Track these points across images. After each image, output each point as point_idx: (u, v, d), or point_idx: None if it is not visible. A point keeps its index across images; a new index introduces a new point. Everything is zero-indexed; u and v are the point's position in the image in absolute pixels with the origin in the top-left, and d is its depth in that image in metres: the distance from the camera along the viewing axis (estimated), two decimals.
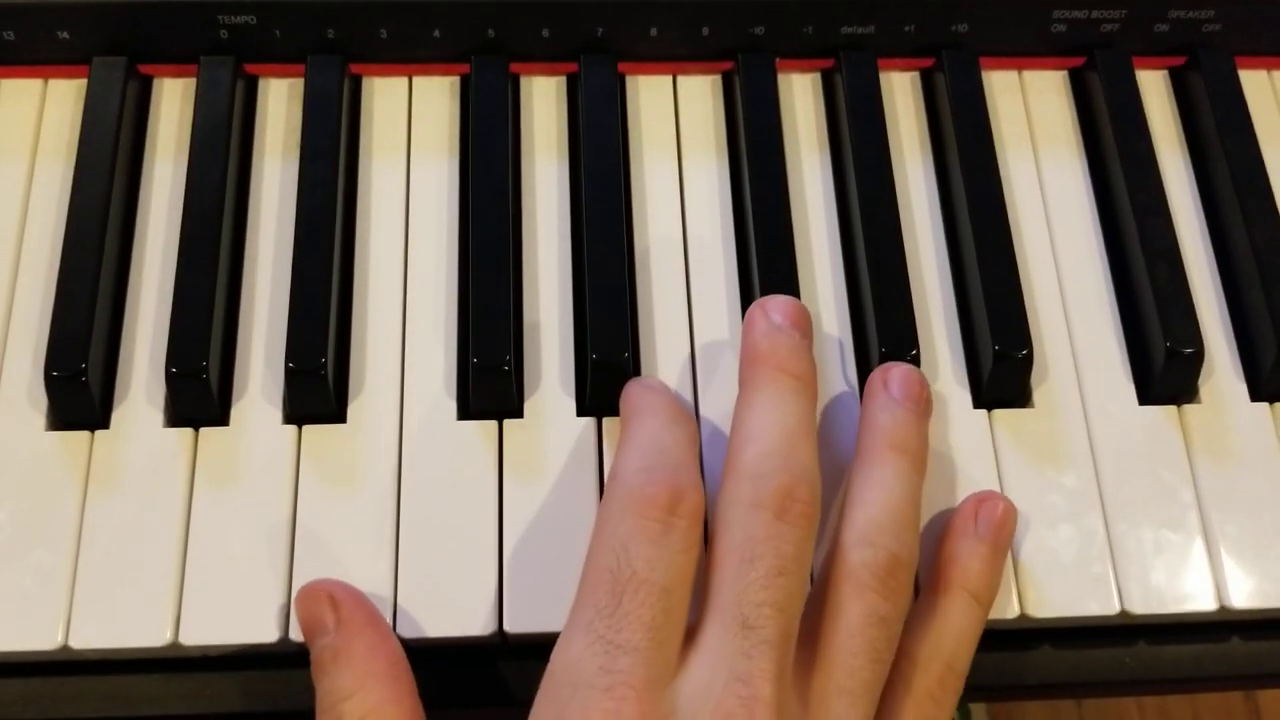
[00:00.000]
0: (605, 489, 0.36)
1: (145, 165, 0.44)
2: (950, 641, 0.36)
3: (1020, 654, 0.39)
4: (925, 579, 0.37)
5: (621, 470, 0.35)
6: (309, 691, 0.37)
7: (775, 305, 0.38)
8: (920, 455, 0.37)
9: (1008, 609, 0.38)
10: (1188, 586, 0.38)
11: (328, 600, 0.36)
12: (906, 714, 0.35)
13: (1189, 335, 0.40)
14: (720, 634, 0.33)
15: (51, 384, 0.38)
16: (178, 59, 0.44)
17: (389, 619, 0.37)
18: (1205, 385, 0.41)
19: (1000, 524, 0.37)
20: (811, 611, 0.35)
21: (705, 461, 0.39)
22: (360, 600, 0.36)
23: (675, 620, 0.33)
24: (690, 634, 0.33)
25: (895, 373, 0.38)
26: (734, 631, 0.32)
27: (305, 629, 0.36)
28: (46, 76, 0.45)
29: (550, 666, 0.33)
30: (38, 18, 0.43)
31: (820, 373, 0.41)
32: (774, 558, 0.33)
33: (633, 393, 0.38)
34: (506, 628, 0.37)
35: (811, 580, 0.36)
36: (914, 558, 0.35)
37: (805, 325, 0.38)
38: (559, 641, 0.33)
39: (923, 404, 0.38)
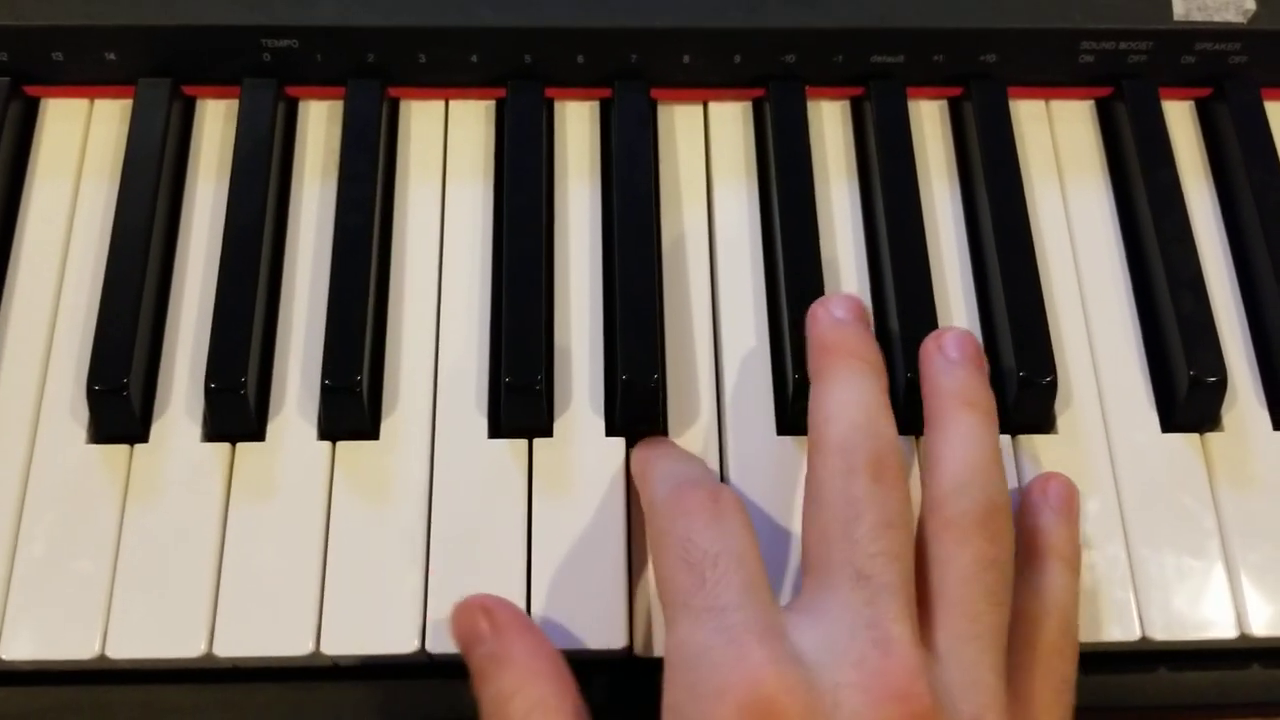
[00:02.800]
0: (649, 518, 0.36)
1: (188, 184, 0.45)
2: (1059, 598, 0.36)
3: None
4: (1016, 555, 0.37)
5: (655, 498, 0.36)
6: (342, 705, 0.38)
7: (836, 301, 0.39)
8: (990, 409, 0.37)
9: None
10: (1209, 613, 0.38)
11: (481, 611, 0.36)
12: (1036, 669, 0.35)
13: (1212, 364, 0.40)
14: (834, 592, 0.33)
15: (93, 398, 0.39)
16: (221, 81, 0.45)
17: (418, 633, 0.37)
18: (1228, 413, 0.41)
19: (1069, 496, 0.38)
20: (920, 571, 0.34)
21: (741, 489, 0.40)
22: (514, 608, 0.37)
23: (763, 582, 0.33)
24: (794, 604, 0.34)
25: (949, 336, 0.38)
26: (850, 585, 0.32)
27: (462, 642, 0.36)
28: (93, 97, 0.46)
29: (666, 656, 0.33)
30: (85, 39, 0.44)
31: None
32: (879, 511, 0.33)
33: (639, 456, 0.39)
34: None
35: None
36: (1008, 503, 0.35)
37: (867, 318, 0.39)
38: (666, 635, 0.34)
39: (979, 361, 0.38)
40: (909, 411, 0.39)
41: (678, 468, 0.37)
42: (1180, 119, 0.47)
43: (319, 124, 0.46)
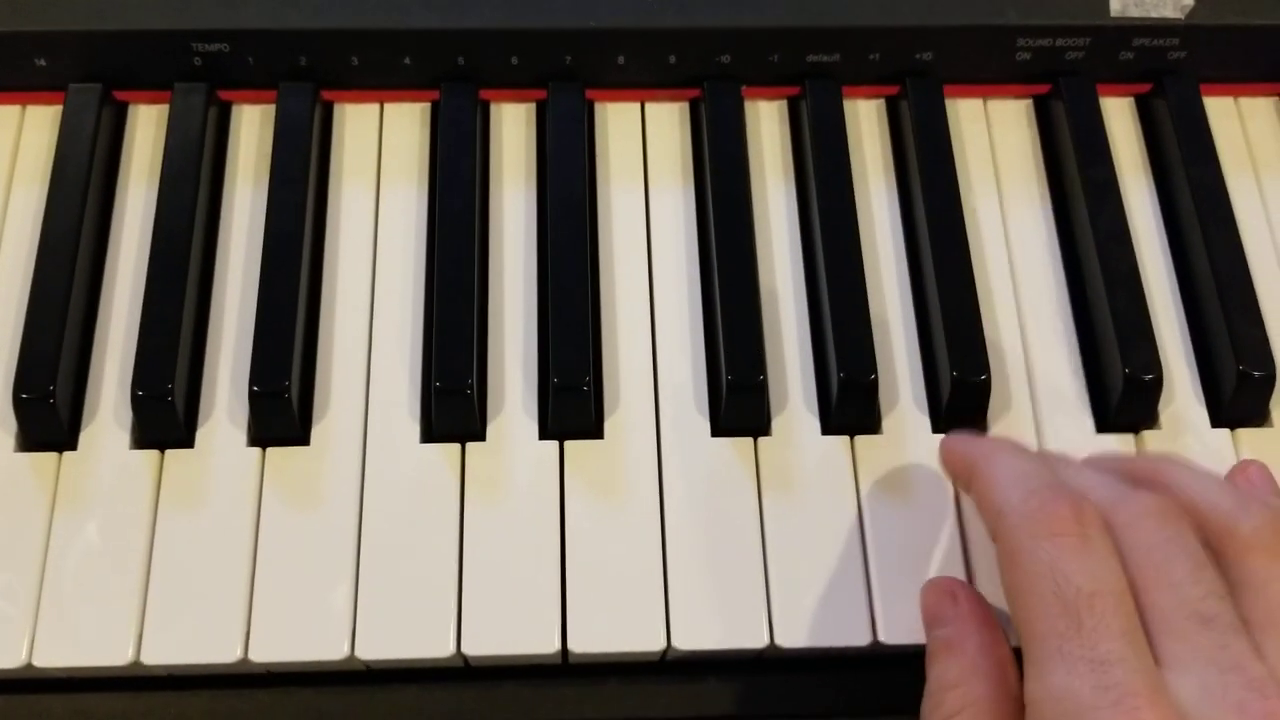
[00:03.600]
0: (999, 528, 0.34)
1: (119, 190, 0.44)
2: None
3: None
4: None
5: (1006, 503, 0.34)
6: (276, 712, 0.38)
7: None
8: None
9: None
10: None
11: (949, 595, 0.36)
12: None
13: (1148, 361, 0.40)
14: (1183, 641, 0.31)
15: (20, 406, 0.39)
16: (152, 86, 0.45)
17: (349, 640, 0.37)
18: (1166, 411, 0.41)
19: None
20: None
21: (679, 493, 0.39)
22: (980, 601, 0.36)
23: (1139, 625, 0.31)
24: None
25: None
26: (1197, 631, 0.31)
27: (926, 618, 0.36)
28: (24, 103, 0.46)
29: (1032, 706, 0.31)
30: (15, 45, 0.44)
31: (781, 396, 0.41)
32: (1182, 553, 0.32)
33: (958, 445, 0.37)
34: (466, 650, 0.37)
35: None
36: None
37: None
38: (1030, 679, 0.31)
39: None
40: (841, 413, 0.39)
41: (1028, 468, 0.35)
42: (1119, 115, 0.47)
43: (252, 128, 0.46)
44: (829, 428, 0.40)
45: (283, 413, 0.39)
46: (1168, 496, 0.34)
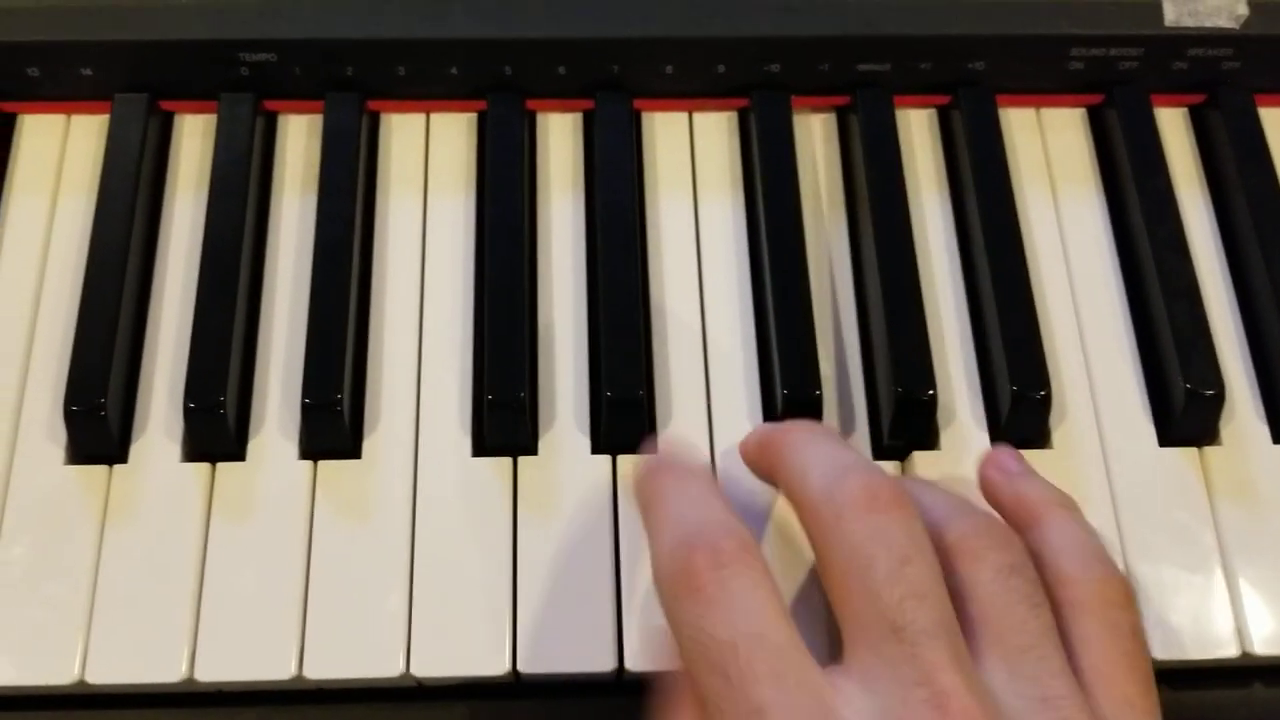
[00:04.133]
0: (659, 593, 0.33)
1: (166, 201, 0.44)
2: (1080, 546, 0.34)
3: None
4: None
5: (654, 563, 0.33)
6: None
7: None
8: None
9: None
10: (1210, 631, 0.38)
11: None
12: (1090, 631, 0.32)
13: (1209, 377, 0.40)
14: (872, 651, 0.30)
15: (70, 418, 0.39)
16: (198, 96, 0.44)
17: (403, 656, 0.37)
18: (1226, 427, 0.41)
19: (1017, 456, 0.37)
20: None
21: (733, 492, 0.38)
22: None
23: (797, 657, 0.30)
24: (841, 668, 0.31)
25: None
26: (886, 640, 0.30)
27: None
28: (69, 112, 0.45)
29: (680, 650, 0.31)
30: (61, 54, 0.43)
31: (840, 413, 0.41)
32: (885, 551, 0.31)
33: (642, 482, 0.36)
34: (520, 668, 0.37)
35: None
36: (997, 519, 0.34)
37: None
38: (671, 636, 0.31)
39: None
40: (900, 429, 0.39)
41: (675, 510, 0.33)
42: (1173, 126, 0.46)
43: (298, 138, 0.45)
44: (883, 445, 0.40)
45: (335, 425, 0.39)
46: (893, 489, 0.32)
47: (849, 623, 0.31)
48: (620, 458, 0.40)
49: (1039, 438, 0.40)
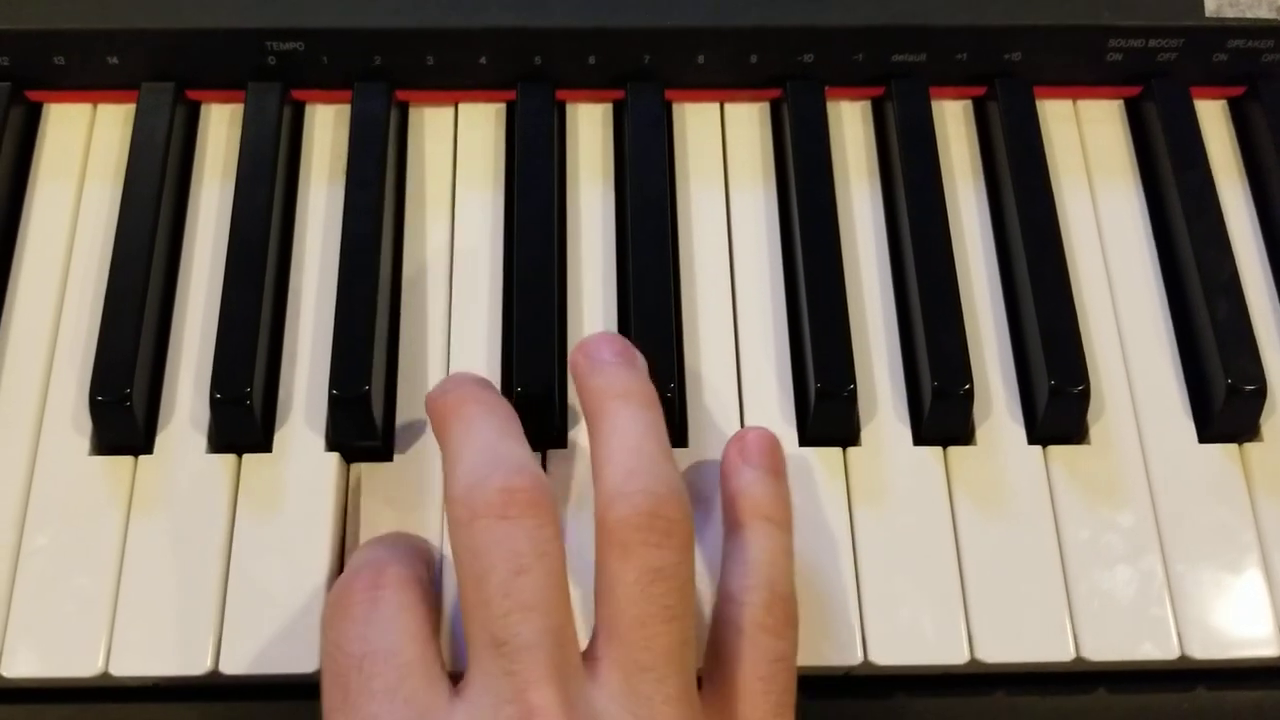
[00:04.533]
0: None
1: (192, 190, 0.44)
2: (765, 568, 0.33)
3: (1075, 697, 0.38)
4: (725, 533, 0.35)
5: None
6: None
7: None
8: (649, 398, 0.35)
9: (1063, 651, 0.37)
10: (1250, 630, 0.37)
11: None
12: (743, 653, 0.32)
13: (1251, 371, 0.39)
14: (477, 664, 0.30)
15: (96, 408, 0.38)
16: (225, 85, 0.44)
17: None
18: (1267, 422, 0.40)
19: (770, 450, 0.36)
20: (596, 596, 0.32)
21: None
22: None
23: (418, 677, 0.30)
24: (460, 687, 0.31)
25: (594, 339, 0.36)
26: (489, 654, 0.29)
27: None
28: (95, 101, 0.45)
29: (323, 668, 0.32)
30: (88, 43, 0.43)
31: (870, 405, 0.40)
32: (506, 560, 0.30)
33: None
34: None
35: None
36: (676, 490, 0.32)
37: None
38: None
39: (634, 356, 0.36)
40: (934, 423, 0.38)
41: (368, 553, 0.35)
42: (1212, 118, 0.46)
43: (326, 128, 0.45)
44: (921, 438, 0.39)
45: (362, 418, 0.39)
46: (526, 489, 0.31)
47: (469, 634, 0.31)
48: None
49: (1077, 433, 0.40)
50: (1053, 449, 0.39)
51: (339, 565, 0.38)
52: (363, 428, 0.39)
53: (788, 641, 0.33)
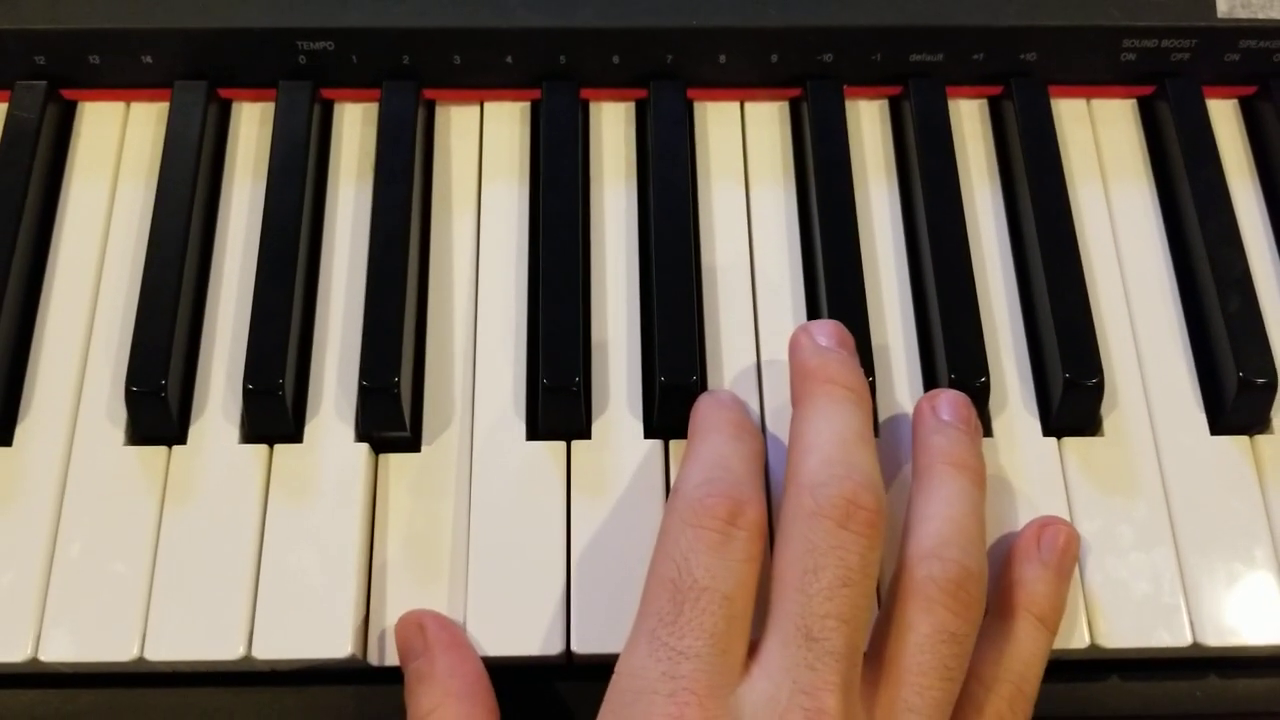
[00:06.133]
0: (668, 504, 0.36)
1: (224, 187, 0.45)
2: (1019, 664, 0.35)
3: (1089, 685, 0.39)
4: (990, 604, 0.37)
5: (683, 484, 0.35)
6: (382, 707, 0.38)
7: (819, 327, 0.38)
8: (979, 472, 0.37)
9: (1078, 639, 0.37)
10: (1261, 619, 0.38)
11: (417, 627, 0.37)
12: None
13: (1262, 365, 0.40)
14: (784, 646, 0.32)
15: (131, 399, 0.39)
16: (256, 84, 0.45)
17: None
18: (1278, 415, 0.41)
19: (1064, 549, 0.37)
20: (880, 630, 0.34)
21: (770, 481, 0.39)
22: (445, 625, 0.37)
23: (738, 629, 0.33)
24: (754, 647, 0.33)
25: (943, 397, 0.38)
26: (798, 643, 0.32)
27: (400, 654, 0.37)
28: (129, 99, 0.46)
29: (614, 676, 0.33)
30: (122, 42, 0.44)
31: (888, 401, 0.41)
32: (838, 567, 0.33)
33: (701, 408, 0.39)
34: (574, 648, 0.37)
35: (879, 601, 0.36)
36: (983, 572, 0.35)
37: (850, 345, 0.38)
38: (623, 651, 0.34)
39: (973, 425, 0.38)
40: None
41: (724, 453, 0.36)
42: (1224, 117, 0.46)
43: (354, 126, 0.46)
44: None
45: (391, 409, 0.39)
46: (871, 509, 0.33)
47: (778, 604, 0.33)
48: (673, 442, 0.40)
49: (1091, 425, 0.41)
50: (1067, 440, 0.40)
51: (369, 553, 0.39)
52: (392, 418, 0.40)
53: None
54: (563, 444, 0.40)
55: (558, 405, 0.39)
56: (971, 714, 0.35)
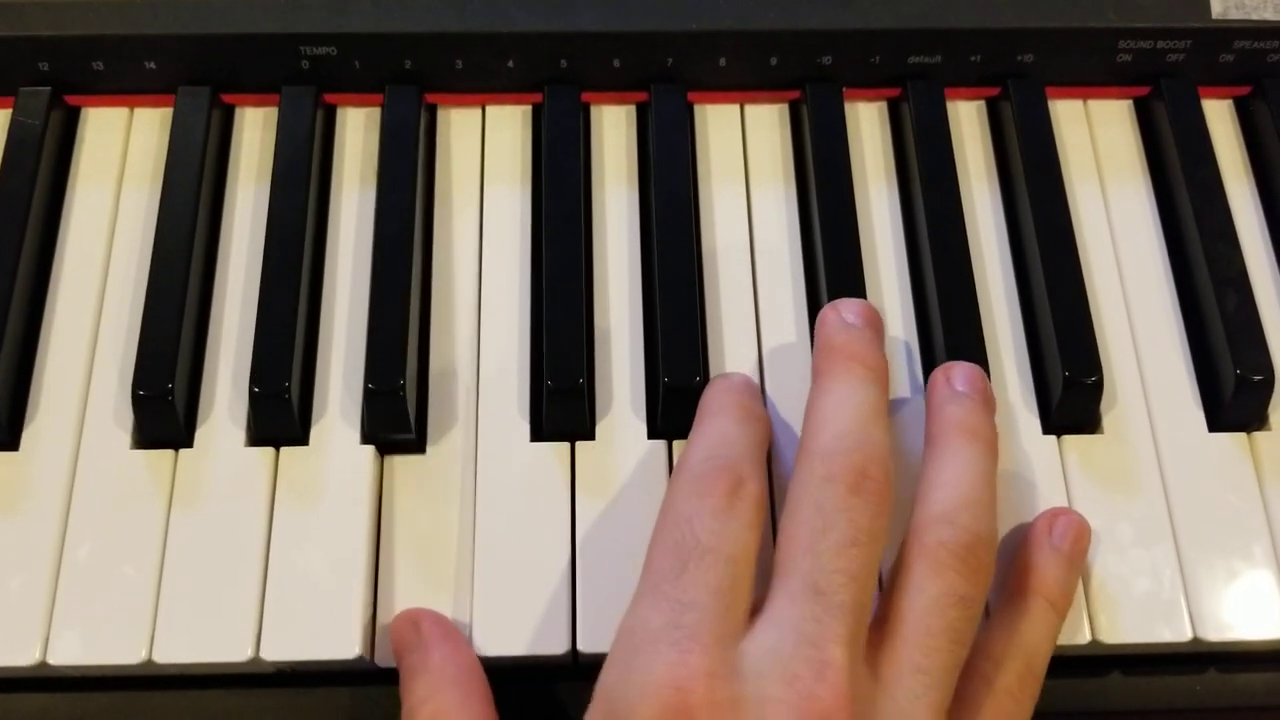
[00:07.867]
0: (671, 479, 0.36)
1: (228, 192, 0.45)
2: (1029, 644, 0.35)
3: (1091, 680, 0.39)
4: (1001, 588, 0.37)
5: (686, 459, 0.36)
6: (390, 709, 0.38)
7: (848, 305, 0.39)
8: (992, 442, 0.37)
9: (1079, 634, 0.38)
10: (1260, 614, 0.38)
11: (411, 623, 0.37)
12: (984, 709, 0.34)
13: (1259, 362, 0.40)
14: (790, 600, 0.32)
15: (138, 403, 0.39)
16: (260, 89, 0.45)
17: (467, 635, 0.37)
18: (1276, 412, 0.41)
19: (1076, 538, 0.37)
20: (888, 594, 0.34)
21: (773, 470, 0.39)
22: (438, 619, 0.37)
23: (741, 588, 0.33)
24: (758, 607, 0.33)
25: (958, 368, 0.38)
26: (806, 597, 0.32)
27: (395, 650, 0.37)
28: (133, 105, 0.46)
29: (617, 633, 0.33)
30: (125, 48, 0.44)
31: (891, 398, 0.41)
32: (847, 527, 0.33)
33: (711, 390, 0.39)
34: (580, 647, 0.37)
35: (881, 584, 0.36)
36: (994, 539, 0.35)
37: (878, 324, 0.39)
38: (627, 611, 0.34)
39: (987, 396, 0.38)
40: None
41: (728, 432, 0.36)
42: (1219, 117, 0.47)
43: (357, 131, 0.46)
44: None
45: (396, 411, 0.40)
46: (880, 480, 0.34)
47: (785, 564, 0.33)
48: (676, 442, 0.40)
49: (1090, 423, 0.41)
50: (1067, 438, 0.41)
51: (375, 555, 0.39)
52: (397, 421, 0.40)
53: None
54: (567, 445, 0.40)
55: (562, 406, 0.40)
56: (982, 689, 0.35)
